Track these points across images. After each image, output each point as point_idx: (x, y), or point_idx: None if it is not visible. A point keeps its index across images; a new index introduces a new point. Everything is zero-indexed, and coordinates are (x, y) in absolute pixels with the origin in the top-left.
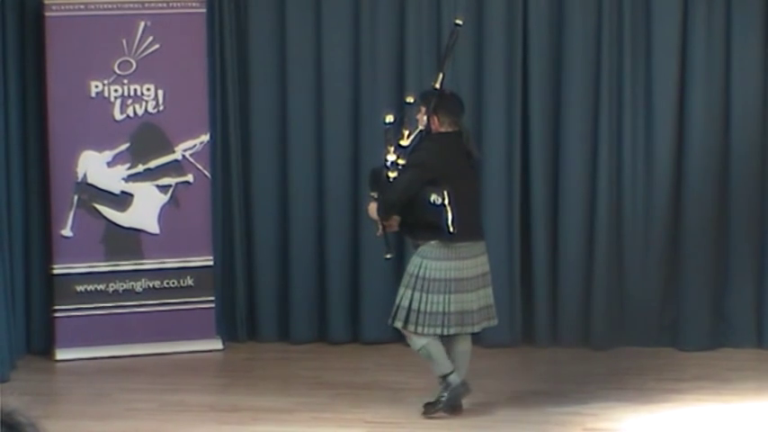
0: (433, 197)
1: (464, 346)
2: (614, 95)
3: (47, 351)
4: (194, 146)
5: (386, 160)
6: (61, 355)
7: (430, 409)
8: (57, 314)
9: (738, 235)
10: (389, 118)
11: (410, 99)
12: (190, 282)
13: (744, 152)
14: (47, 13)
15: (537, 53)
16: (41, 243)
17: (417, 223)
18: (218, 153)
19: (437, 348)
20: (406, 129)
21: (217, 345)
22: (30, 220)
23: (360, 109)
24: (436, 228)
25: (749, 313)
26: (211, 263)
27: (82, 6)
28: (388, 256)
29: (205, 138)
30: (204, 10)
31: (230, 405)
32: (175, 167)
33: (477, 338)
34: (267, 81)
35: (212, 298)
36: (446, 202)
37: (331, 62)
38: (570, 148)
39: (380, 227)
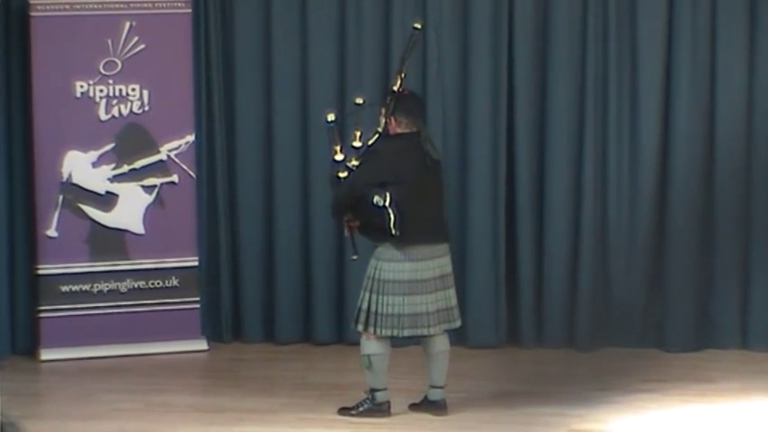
0: (376, 199)
1: (441, 345)
2: (599, 96)
3: (31, 351)
4: (179, 146)
5: (333, 160)
6: (46, 355)
7: (345, 412)
8: (41, 314)
9: (723, 236)
10: (331, 116)
11: (359, 100)
12: (175, 282)
13: (729, 153)
14: (32, 13)
15: (522, 53)
16: (26, 243)
17: (370, 225)
18: (204, 153)
19: (381, 363)
20: (357, 130)
21: (202, 345)
22: (14, 220)
23: (345, 109)
24: (385, 230)
25: (734, 314)
26: (196, 263)
27: (67, 6)
28: (355, 257)
29: (190, 138)
30: (190, 10)
31: (215, 406)
32: (160, 168)
33: (462, 339)
34: (252, 81)
35: (197, 298)
36: (387, 203)
37: (316, 63)
38: (555, 150)
39: (346, 228)
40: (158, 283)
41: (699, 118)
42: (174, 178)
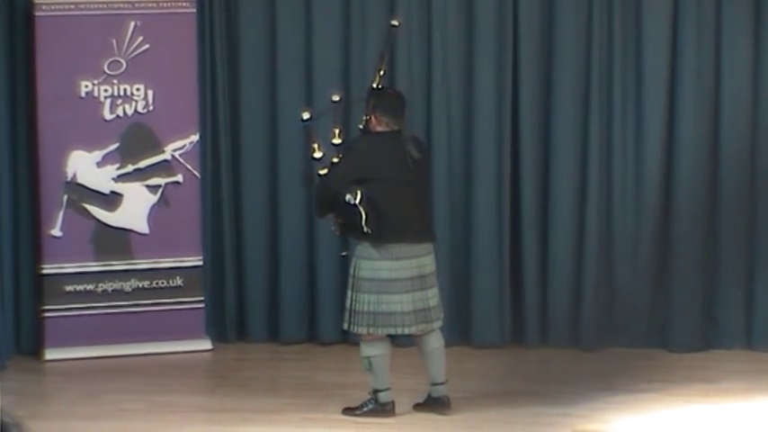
0: (348, 196)
1: (434, 343)
2: (604, 96)
3: (36, 351)
4: (184, 146)
5: (312, 157)
6: (50, 355)
7: (350, 412)
8: (46, 314)
9: (727, 236)
10: (306, 114)
11: (336, 97)
12: (179, 282)
13: (733, 153)
14: (36, 13)
15: (527, 53)
16: (31, 243)
17: (348, 223)
18: (208, 153)
19: (381, 364)
20: (336, 127)
21: (206, 345)
22: (19, 219)
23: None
24: (359, 227)
25: (738, 314)
26: (201, 263)
27: (72, 6)
28: (344, 253)
29: (195, 138)
30: (194, 10)
31: (219, 406)
32: (165, 167)
33: (466, 338)
34: (257, 81)
35: (202, 298)
36: (357, 201)
37: (321, 62)
38: (560, 149)
39: (334, 225)
40: (163, 283)
41: (704, 118)
42: (179, 178)
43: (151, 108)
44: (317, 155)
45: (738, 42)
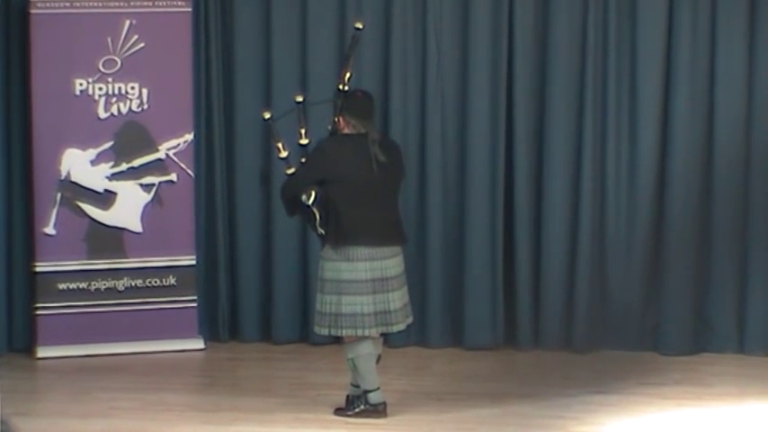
0: (303, 197)
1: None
2: (599, 98)
3: (28, 349)
4: (178, 145)
5: (279, 158)
6: (43, 352)
7: (342, 413)
8: (39, 312)
9: (720, 239)
10: (267, 114)
11: (299, 98)
12: (172, 281)
13: (727, 157)
14: (31, 11)
15: (522, 54)
16: (24, 240)
17: (308, 223)
18: (202, 152)
19: (366, 364)
20: (301, 127)
21: (199, 344)
22: (12, 217)
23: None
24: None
25: (731, 318)
26: (194, 262)
27: (67, 4)
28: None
29: (189, 137)
30: (189, 9)
31: (212, 405)
32: (159, 166)
33: (459, 340)
34: (252, 80)
35: (194, 297)
36: (310, 202)
37: (316, 62)
38: (554, 151)
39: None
40: (156, 282)
41: (697, 121)
42: (173, 177)
43: (146, 107)
44: (283, 155)
45: (732, 47)
